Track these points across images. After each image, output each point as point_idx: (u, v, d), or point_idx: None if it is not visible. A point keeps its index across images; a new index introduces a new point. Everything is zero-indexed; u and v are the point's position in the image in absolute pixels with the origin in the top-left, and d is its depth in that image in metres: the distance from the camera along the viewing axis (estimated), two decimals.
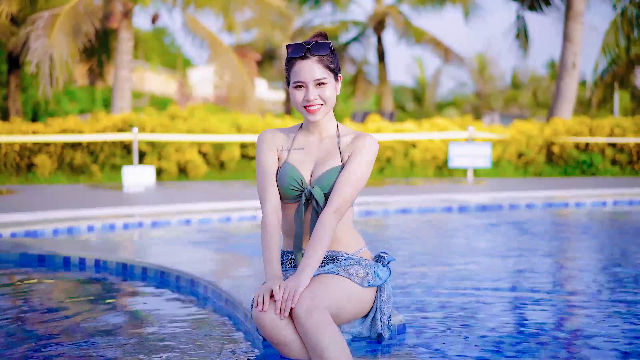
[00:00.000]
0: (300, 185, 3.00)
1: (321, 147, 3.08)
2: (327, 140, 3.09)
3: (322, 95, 2.97)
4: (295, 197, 3.02)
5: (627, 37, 19.94)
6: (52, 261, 5.23)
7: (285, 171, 3.03)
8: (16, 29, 17.80)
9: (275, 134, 3.13)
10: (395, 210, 9.08)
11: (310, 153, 3.08)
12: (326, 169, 3.01)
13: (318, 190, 2.97)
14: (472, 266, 5.21)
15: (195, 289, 4.20)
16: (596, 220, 8.74)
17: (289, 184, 3.00)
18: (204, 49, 19.92)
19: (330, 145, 3.08)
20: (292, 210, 3.05)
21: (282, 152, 3.10)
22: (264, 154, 3.09)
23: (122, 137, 14.77)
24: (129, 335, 3.32)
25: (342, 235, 3.05)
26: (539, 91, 47.74)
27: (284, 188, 3.01)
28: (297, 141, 3.11)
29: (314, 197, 2.97)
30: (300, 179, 3.01)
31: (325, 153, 3.06)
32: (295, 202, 3.04)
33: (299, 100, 2.98)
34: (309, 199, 3.00)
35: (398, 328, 3.19)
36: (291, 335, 2.73)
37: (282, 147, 3.10)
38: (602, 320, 3.55)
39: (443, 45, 29.63)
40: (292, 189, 3.00)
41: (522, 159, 17.72)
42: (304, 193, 3.00)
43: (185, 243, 6.68)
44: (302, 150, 3.08)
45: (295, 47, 2.98)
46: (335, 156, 3.04)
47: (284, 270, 3.08)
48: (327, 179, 2.99)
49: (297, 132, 3.14)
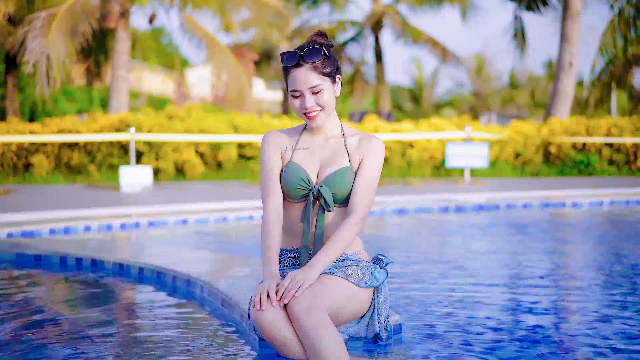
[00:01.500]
0: (307, 184, 3.01)
1: (327, 147, 3.10)
2: (332, 140, 3.11)
3: (319, 102, 2.99)
4: (301, 196, 3.03)
5: (624, 37, 19.96)
6: (49, 261, 5.23)
7: (291, 170, 3.03)
8: (13, 29, 17.77)
9: (280, 135, 3.15)
10: (393, 210, 9.09)
11: (316, 153, 3.09)
12: (334, 170, 3.03)
13: (326, 189, 2.98)
14: (469, 266, 5.22)
15: (192, 289, 4.19)
16: (593, 220, 8.75)
17: (296, 183, 3.01)
18: (201, 49, 19.93)
19: (336, 146, 3.10)
20: (296, 209, 3.06)
21: (287, 152, 3.11)
22: (267, 154, 3.10)
23: (120, 137, 14.76)
24: (125, 335, 3.32)
25: None
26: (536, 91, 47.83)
27: (290, 187, 3.02)
28: (302, 141, 3.13)
29: (323, 196, 2.98)
30: (307, 178, 3.02)
31: (331, 153, 3.08)
32: (300, 201, 3.05)
33: (297, 107, 3.01)
34: (316, 198, 3.01)
35: (394, 328, 3.19)
36: (289, 335, 2.74)
37: (287, 147, 3.12)
38: (599, 320, 3.55)
39: (440, 46, 29.63)
40: (299, 188, 3.01)
41: (520, 159, 17.74)
42: (311, 192, 3.01)
43: (181, 243, 6.68)
44: (307, 150, 3.10)
45: (289, 55, 2.98)
46: (343, 157, 3.06)
47: (281, 269, 3.08)
48: (335, 179, 3.00)
49: (302, 132, 3.16)
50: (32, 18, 16.20)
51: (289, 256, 3.10)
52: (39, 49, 15.54)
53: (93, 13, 17.43)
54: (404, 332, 3.25)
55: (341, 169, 3.02)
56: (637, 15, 19.70)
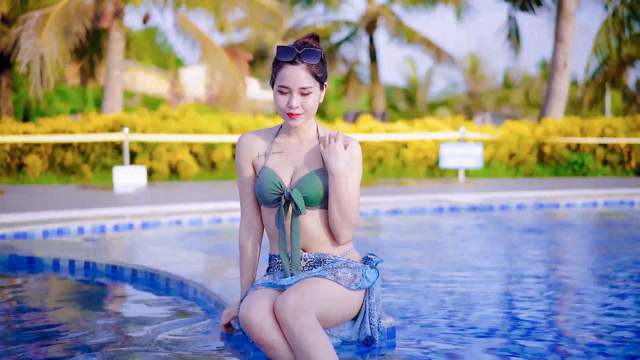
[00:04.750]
0: (279, 188, 2.98)
1: (300, 151, 3.06)
2: (307, 143, 3.08)
3: (304, 104, 2.95)
4: (274, 200, 2.99)
5: (618, 37, 19.98)
6: (41, 263, 5.20)
7: (264, 176, 3.00)
8: (7, 29, 17.72)
9: (254, 139, 3.11)
10: (387, 211, 9.08)
11: (290, 156, 3.06)
12: (306, 172, 3.00)
13: (297, 192, 2.95)
14: (463, 268, 5.21)
15: (185, 291, 4.18)
16: (587, 220, 8.75)
17: (268, 188, 2.98)
18: (195, 49, 19.89)
19: (310, 149, 3.06)
20: (273, 215, 3.04)
21: (259, 157, 3.08)
22: (239, 168, 3.12)
23: (113, 138, 14.73)
24: (118, 338, 3.30)
25: (327, 237, 3.04)
26: (530, 91, 47.85)
27: (263, 193, 2.99)
28: (276, 144, 3.09)
29: (293, 199, 2.94)
30: (279, 183, 2.98)
31: (305, 157, 3.05)
32: (275, 206, 3.02)
33: (281, 104, 2.97)
34: (288, 202, 2.98)
35: (388, 331, 3.17)
36: (277, 337, 2.73)
37: (260, 152, 3.09)
38: (594, 321, 3.55)
39: (435, 46, 29.65)
40: (271, 192, 2.98)
41: (514, 159, 17.75)
42: (283, 196, 2.98)
43: (175, 244, 6.66)
44: (281, 153, 3.06)
45: (286, 50, 2.94)
46: (317, 159, 3.03)
47: (271, 274, 3.07)
48: (306, 182, 2.97)
49: (277, 135, 3.12)
50: (26, 18, 16.16)
51: (278, 262, 3.08)
52: (33, 49, 15.50)
53: (87, 13, 17.39)
54: (397, 335, 3.23)
55: (312, 172, 2.99)
56: (631, 16, 19.73)
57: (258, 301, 2.82)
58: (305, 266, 3.01)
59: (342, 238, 3.01)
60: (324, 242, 3.03)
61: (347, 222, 2.97)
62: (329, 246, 3.04)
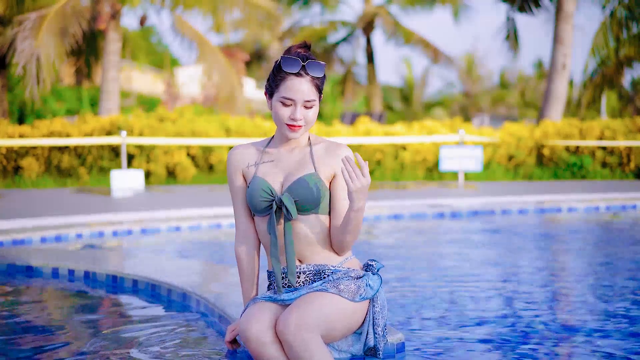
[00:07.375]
0: (270, 194, 2.93)
1: (291, 158, 3.02)
2: (297, 150, 3.03)
3: (306, 117, 2.92)
4: (265, 208, 2.94)
5: (616, 38, 19.97)
6: (40, 272, 5.14)
7: (255, 184, 2.96)
8: (2, 29, 17.65)
9: (244, 152, 3.08)
10: (387, 216, 9.00)
11: (280, 164, 3.01)
12: (297, 177, 2.95)
13: (287, 196, 2.90)
14: (468, 276, 5.14)
15: (187, 302, 4.12)
16: (589, 225, 8.69)
17: (259, 195, 2.93)
18: (192, 50, 19.82)
19: (301, 155, 3.01)
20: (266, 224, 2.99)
21: (249, 167, 3.04)
22: (230, 178, 3.09)
23: (110, 141, 14.65)
24: (118, 348, 3.26)
25: (323, 244, 2.97)
26: (526, 91, 47.91)
27: (254, 201, 2.95)
28: (267, 154, 3.05)
29: (284, 204, 2.89)
30: (269, 189, 2.94)
31: (295, 163, 3.00)
32: (267, 214, 2.97)
33: (283, 116, 2.92)
34: (280, 208, 2.92)
35: (397, 347, 3.10)
36: (275, 352, 2.70)
37: (250, 162, 3.05)
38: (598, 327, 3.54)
39: (432, 46, 29.62)
40: (262, 200, 2.93)
41: (513, 161, 17.70)
42: (274, 202, 2.92)
43: (174, 251, 6.61)
44: (272, 162, 3.03)
45: (292, 61, 2.89)
46: (307, 165, 2.98)
47: (275, 281, 3.01)
48: (297, 186, 2.92)
49: (267, 145, 3.08)
50: (22, 19, 16.08)
51: None
52: (29, 50, 15.43)
53: (83, 14, 17.32)
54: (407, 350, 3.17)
55: (303, 176, 2.94)
56: (629, 17, 19.71)
57: (258, 314, 2.79)
58: (305, 280, 2.94)
59: (346, 250, 2.99)
60: (320, 250, 2.97)
61: (354, 238, 2.95)
62: (326, 254, 2.98)
